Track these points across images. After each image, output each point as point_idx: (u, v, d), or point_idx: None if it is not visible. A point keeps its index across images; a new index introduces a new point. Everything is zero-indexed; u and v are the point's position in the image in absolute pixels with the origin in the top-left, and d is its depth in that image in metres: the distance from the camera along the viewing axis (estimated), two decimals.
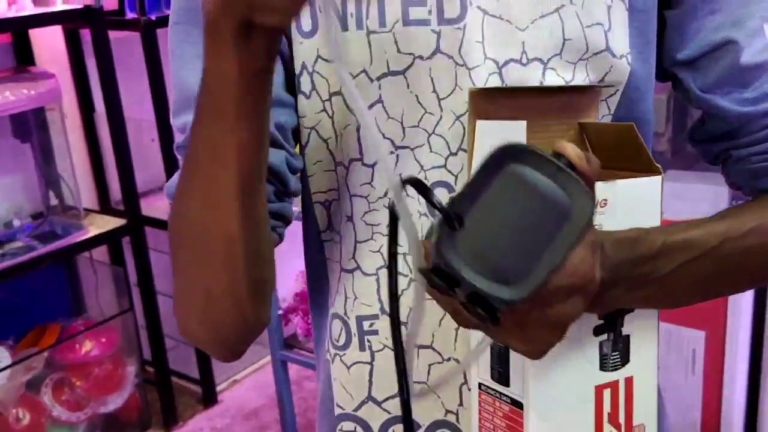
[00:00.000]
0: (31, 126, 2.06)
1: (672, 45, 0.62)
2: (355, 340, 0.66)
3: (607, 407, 0.55)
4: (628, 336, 0.56)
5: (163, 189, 0.64)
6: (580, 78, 0.59)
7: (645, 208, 0.53)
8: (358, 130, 0.61)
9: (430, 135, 0.60)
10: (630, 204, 0.51)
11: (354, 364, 0.67)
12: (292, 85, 0.63)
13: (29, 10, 1.90)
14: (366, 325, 0.65)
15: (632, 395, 0.56)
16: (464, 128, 0.58)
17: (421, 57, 0.59)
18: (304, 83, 0.62)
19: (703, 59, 0.61)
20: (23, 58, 2.13)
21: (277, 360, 1.89)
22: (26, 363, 2.01)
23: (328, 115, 0.62)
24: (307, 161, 0.65)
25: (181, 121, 0.62)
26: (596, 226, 0.50)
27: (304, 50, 0.62)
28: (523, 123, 0.47)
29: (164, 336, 2.34)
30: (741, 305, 1.56)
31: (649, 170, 0.53)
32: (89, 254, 2.26)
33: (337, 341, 0.68)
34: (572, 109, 0.57)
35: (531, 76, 0.58)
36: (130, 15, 2.11)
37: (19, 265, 1.90)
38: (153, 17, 2.08)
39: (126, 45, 2.19)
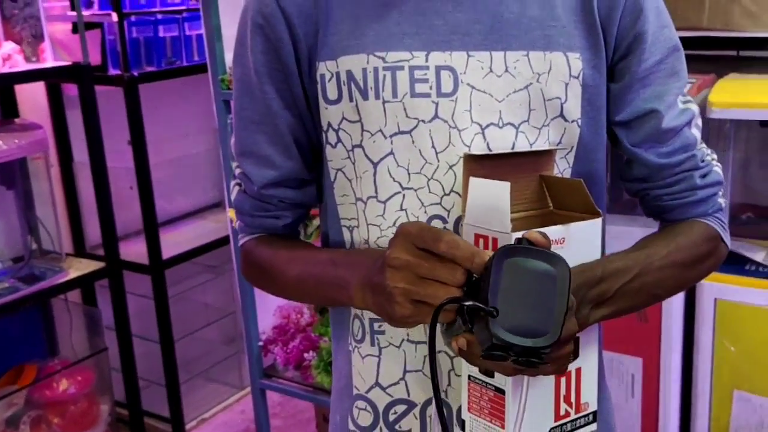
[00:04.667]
0: (15, 174, 2.16)
1: (612, 109, 0.83)
2: (368, 337, 0.83)
3: (563, 391, 0.73)
4: (578, 338, 0.73)
5: (140, 234, 0.85)
6: (543, 140, 0.78)
7: (590, 241, 0.72)
8: (374, 174, 0.79)
9: (429, 180, 0.77)
10: (579, 239, 0.70)
11: (367, 356, 0.84)
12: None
13: (21, 66, 2.03)
14: (376, 326, 0.83)
15: (580, 381, 0.75)
16: (455, 175, 0.77)
17: (423, 121, 0.76)
18: (330, 137, 0.81)
19: (635, 121, 0.83)
20: (7, 110, 2.24)
21: (257, 388, 2.02)
22: (6, 401, 2.07)
23: (351, 161, 0.81)
24: (336, 193, 0.84)
25: (240, 161, 0.87)
26: None
27: (329, 113, 0.80)
28: (507, 184, 0.65)
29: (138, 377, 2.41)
30: (672, 334, 1.75)
31: (592, 213, 0.72)
32: (64, 296, 2.33)
33: (356, 336, 0.85)
34: (536, 166, 0.76)
35: (506, 137, 0.77)
36: (113, 71, 2.25)
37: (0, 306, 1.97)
38: (135, 73, 2.23)
39: (103, 97, 2.31)
